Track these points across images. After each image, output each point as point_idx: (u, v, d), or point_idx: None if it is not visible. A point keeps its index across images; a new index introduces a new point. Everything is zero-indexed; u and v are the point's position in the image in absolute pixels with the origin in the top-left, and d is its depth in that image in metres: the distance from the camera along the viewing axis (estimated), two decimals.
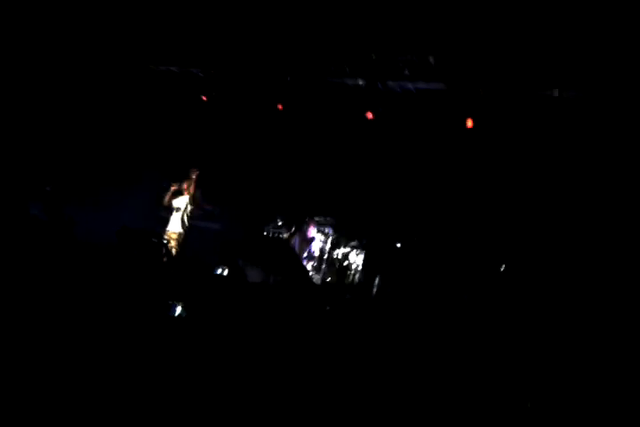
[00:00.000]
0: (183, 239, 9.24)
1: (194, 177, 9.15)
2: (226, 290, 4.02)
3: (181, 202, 9.14)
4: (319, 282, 8.77)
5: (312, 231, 9.41)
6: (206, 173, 10.63)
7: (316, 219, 9.33)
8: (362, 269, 9.03)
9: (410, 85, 8.10)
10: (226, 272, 7.93)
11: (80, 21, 9.68)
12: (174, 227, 9.12)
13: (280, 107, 9.66)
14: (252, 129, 10.34)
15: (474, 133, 7.97)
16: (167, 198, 9.06)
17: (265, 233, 9.99)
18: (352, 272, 9.16)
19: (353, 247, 9.31)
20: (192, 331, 3.11)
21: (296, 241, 9.34)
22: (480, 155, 8.33)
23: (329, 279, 8.89)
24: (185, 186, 9.19)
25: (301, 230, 9.51)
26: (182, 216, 9.05)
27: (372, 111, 8.58)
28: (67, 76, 10.37)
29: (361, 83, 8.56)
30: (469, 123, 7.81)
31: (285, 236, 9.67)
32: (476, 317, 5.96)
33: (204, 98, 10.59)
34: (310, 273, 8.96)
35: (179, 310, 3.51)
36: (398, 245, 8.69)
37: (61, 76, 10.30)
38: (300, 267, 8.70)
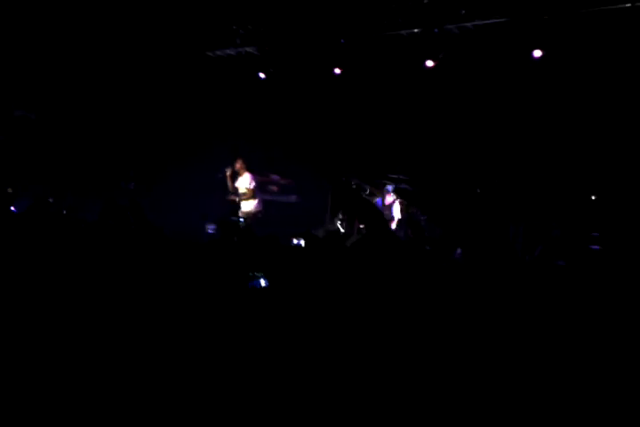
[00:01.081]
0: (260, 216, 9.42)
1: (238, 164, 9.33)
2: (304, 259, 3.99)
3: (243, 183, 9.33)
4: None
5: (389, 197, 9.31)
6: (275, 147, 10.78)
7: (391, 177, 9.23)
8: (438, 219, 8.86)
9: (468, 24, 7.85)
10: (302, 242, 7.99)
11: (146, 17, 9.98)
12: (246, 207, 9.34)
13: (339, 70, 9.62)
14: (314, 97, 10.35)
15: (543, 64, 7.64)
16: (230, 184, 9.37)
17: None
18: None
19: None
20: (274, 301, 3.11)
21: (378, 201, 9.32)
22: (553, 86, 7.98)
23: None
24: (237, 166, 9.38)
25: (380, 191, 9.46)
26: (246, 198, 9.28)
27: (432, 59, 8.38)
28: (133, 70, 10.70)
29: (416, 30, 8.38)
30: (537, 53, 7.49)
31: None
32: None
33: (263, 75, 10.70)
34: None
35: (262, 281, 3.54)
36: (478, 190, 8.47)
37: (129, 69, 10.64)
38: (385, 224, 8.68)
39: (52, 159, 10.35)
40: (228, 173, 9.34)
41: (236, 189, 9.43)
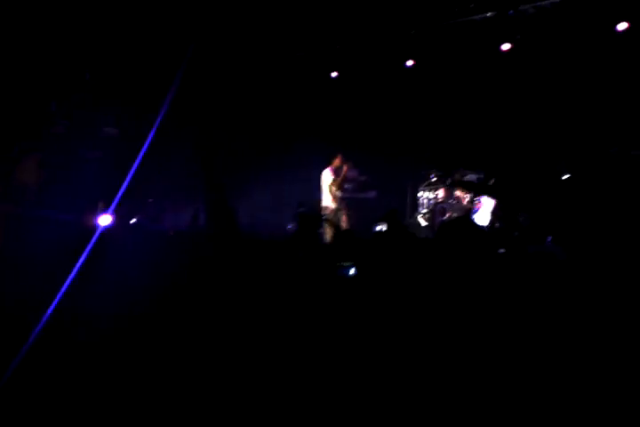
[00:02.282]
0: (342, 212, 9.40)
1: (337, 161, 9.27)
2: (389, 245, 3.93)
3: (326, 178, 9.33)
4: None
5: (459, 193, 9.08)
6: (351, 145, 10.77)
7: (467, 171, 9.00)
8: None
9: (545, 2, 7.56)
10: (384, 228, 7.89)
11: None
12: (326, 202, 9.34)
13: (411, 62, 9.52)
14: (387, 92, 10.27)
15: (630, 37, 7.23)
16: (339, 180, 9.28)
17: (420, 193, 9.85)
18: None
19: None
20: (362, 289, 3.08)
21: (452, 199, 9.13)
22: None
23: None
24: (337, 162, 9.33)
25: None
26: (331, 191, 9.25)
27: (509, 41, 8.14)
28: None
29: (489, 14, 8.15)
30: (622, 26, 7.10)
31: (441, 192, 9.46)
32: None
33: (335, 74, 10.75)
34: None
35: (352, 270, 3.53)
36: (566, 176, 8.09)
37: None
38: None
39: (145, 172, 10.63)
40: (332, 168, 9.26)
41: (342, 185, 9.34)
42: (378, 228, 7.05)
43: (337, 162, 9.32)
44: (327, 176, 9.35)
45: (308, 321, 2.73)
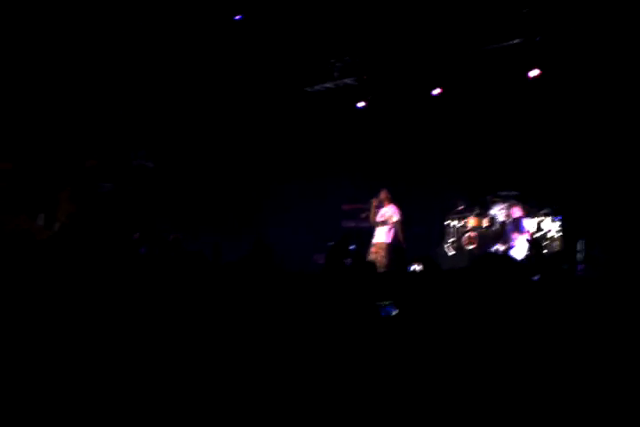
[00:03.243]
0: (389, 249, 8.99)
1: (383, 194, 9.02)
2: (423, 284, 3.90)
3: (387, 213, 8.98)
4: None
5: (517, 210, 8.83)
6: (377, 174, 10.74)
7: (501, 194, 8.86)
8: (562, 235, 8.34)
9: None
10: (419, 268, 7.70)
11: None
12: (380, 238, 8.90)
13: (438, 91, 9.56)
14: (416, 121, 10.28)
15: None
16: (372, 214, 8.97)
17: (448, 221, 9.73)
18: (549, 241, 8.49)
19: (545, 215, 8.68)
20: (401, 328, 3.02)
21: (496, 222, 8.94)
22: None
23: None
24: (382, 196, 9.05)
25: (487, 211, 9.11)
26: (387, 228, 8.83)
27: (537, 67, 8.12)
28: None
29: (517, 41, 8.17)
30: None
31: (472, 220, 9.31)
32: None
33: (363, 104, 10.83)
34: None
35: (392, 310, 3.47)
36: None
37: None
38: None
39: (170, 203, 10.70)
40: (374, 204, 8.95)
41: (375, 220, 8.99)
42: (412, 267, 6.88)
43: (382, 196, 8.99)
44: (391, 211, 8.90)
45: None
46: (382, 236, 8.80)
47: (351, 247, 8.88)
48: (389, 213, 8.87)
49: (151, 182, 10.78)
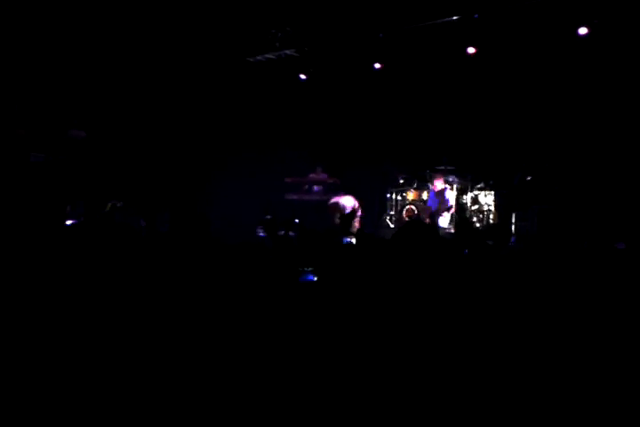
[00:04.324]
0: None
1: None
2: (354, 254, 3.96)
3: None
4: (452, 230, 8.50)
5: (438, 183, 9.09)
6: (322, 146, 10.79)
7: (439, 168, 9.09)
8: (496, 209, 8.67)
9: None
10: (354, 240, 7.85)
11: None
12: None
13: (379, 65, 9.61)
14: (358, 94, 10.33)
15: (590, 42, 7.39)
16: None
17: (389, 194, 9.92)
18: (485, 215, 8.82)
19: (480, 189, 8.98)
20: (321, 294, 3.10)
21: (431, 195, 9.16)
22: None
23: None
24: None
25: (426, 185, 9.33)
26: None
27: (473, 45, 8.27)
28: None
29: (455, 18, 8.28)
30: (583, 30, 7.24)
31: (411, 193, 9.53)
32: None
33: (304, 76, 10.79)
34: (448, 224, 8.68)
35: (311, 276, 3.55)
36: (528, 178, 8.25)
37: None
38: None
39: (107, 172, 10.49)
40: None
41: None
42: (347, 239, 7.02)
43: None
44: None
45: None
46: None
47: (295, 220, 9.03)
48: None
49: (91, 153, 10.54)
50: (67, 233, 4.85)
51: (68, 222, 7.13)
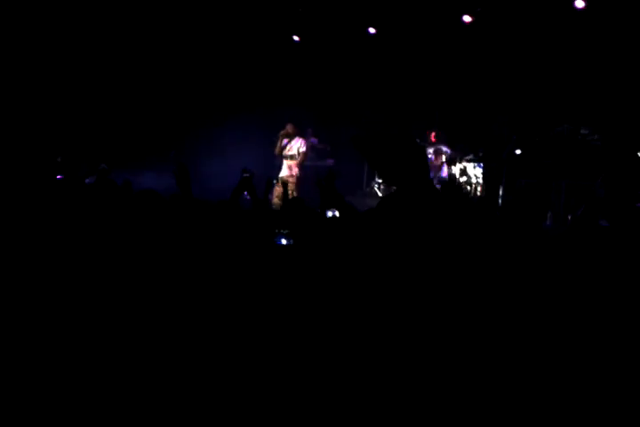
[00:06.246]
0: (298, 182, 9.10)
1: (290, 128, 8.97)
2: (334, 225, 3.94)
3: (295, 146, 8.98)
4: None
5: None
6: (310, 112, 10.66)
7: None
8: (483, 181, 8.68)
9: None
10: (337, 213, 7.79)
11: None
12: (286, 172, 8.99)
13: (373, 30, 9.47)
14: (349, 59, 10.18)
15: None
16: (278, 146, 8.96)
17: None
18: (473, 187, 8.84)
19: (469, 161, 8.97)
20: (296, 258, 3.10)
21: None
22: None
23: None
24: (289, 130, 8.99)
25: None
26: (295, 162, 8.96)
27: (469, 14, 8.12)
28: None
29: None
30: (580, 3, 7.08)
31: None
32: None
33: (297, 38, 10.60)
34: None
35: (284, 240, 3.56)
36: (518, 151, 8.22)
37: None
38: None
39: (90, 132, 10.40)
40: (281, 134, 8.92)
41: (281, 152, 9.00)
42: (330, 213, 6.95)
43: (289, 130, 8.95)
44: (299, 144, 8.96)
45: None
46: (292, 169, 8.89)
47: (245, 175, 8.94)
48: (298, 145, 8.91)
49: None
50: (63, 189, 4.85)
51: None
